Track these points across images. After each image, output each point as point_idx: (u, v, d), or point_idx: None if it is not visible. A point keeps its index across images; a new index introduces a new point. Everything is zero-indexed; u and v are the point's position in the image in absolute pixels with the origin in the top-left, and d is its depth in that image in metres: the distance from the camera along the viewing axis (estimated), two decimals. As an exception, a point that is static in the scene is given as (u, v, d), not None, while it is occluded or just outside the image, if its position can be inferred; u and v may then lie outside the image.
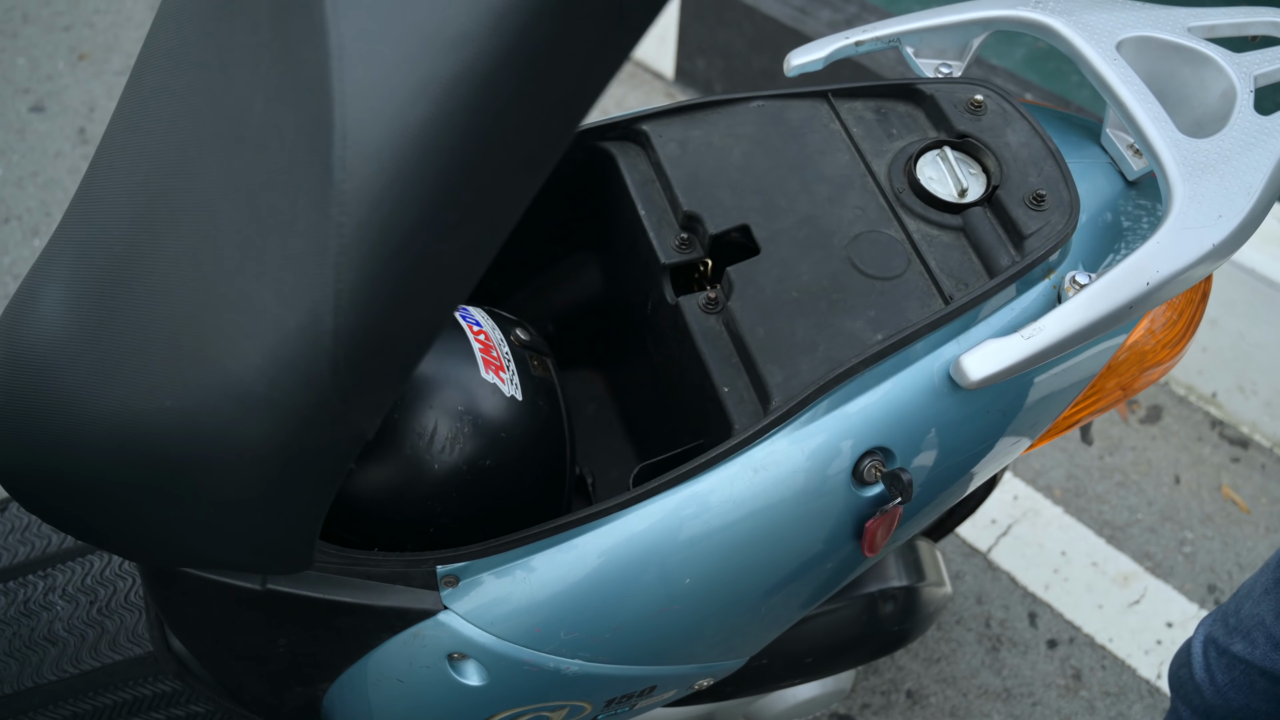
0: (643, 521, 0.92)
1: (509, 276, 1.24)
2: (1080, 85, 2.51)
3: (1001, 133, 1.07)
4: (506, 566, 0.92)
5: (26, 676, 1.17)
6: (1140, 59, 1.09)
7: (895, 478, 0.92)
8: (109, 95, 2.73)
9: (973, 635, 1.92)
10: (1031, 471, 2.13)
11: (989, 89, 1.11)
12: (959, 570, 2.00)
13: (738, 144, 1.09)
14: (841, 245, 1.02)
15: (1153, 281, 0.95)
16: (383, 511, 0.95)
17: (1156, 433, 2.20)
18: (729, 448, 0.92)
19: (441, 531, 0.97)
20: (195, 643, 1.04)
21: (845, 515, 0.98)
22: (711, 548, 0.94)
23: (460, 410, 0.96)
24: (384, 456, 0.94)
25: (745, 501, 0.93)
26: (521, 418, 0.99)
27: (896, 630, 1.36)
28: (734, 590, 0.98)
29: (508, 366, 1.00)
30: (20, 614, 1.20)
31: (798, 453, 0.93)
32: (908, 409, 0.96)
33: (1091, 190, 1.09)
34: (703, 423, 1.01)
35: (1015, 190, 1.02)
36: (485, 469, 0.96)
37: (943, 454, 1.01)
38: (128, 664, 1.17)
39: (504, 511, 0.99)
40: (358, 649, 0.96)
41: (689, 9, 2.66)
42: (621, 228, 1.12)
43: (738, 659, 1.12)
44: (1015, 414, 1.04)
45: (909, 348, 0.95)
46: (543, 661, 0.95)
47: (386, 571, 0.91)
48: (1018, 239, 0.99)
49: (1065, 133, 1.15)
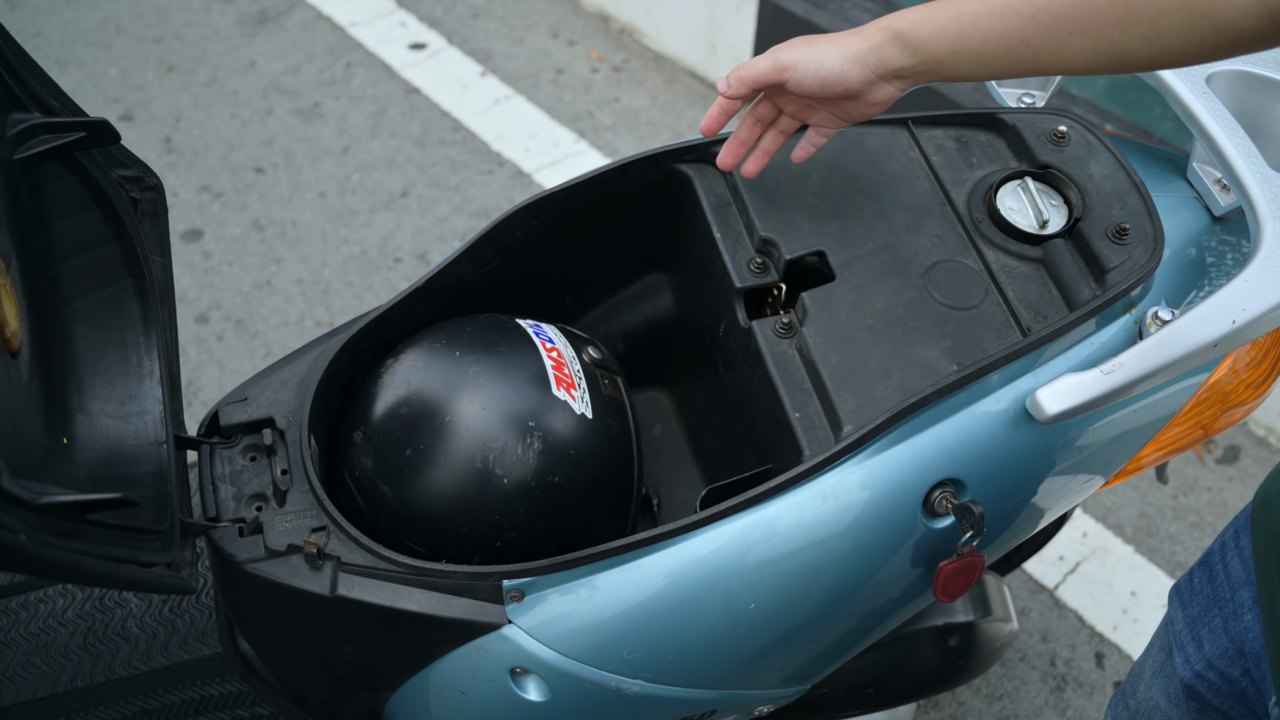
0: (709, 544, 0.92)
1: (582, 295, 1.24)
2: (1162, 117, 2.47)
3: (1085, 164, 1.06)
4: (572, 584, 0.92)
5: (99, 671, 1.19)
6: (1231, 93, 1.07)
7: (966, 510, 0.91)
8: (195, 105, 2.81)
9: (1037, 674, 1.89)
10: (1102, 508, 2.09)
11: (1073, 120, 1.09)
12: (1025, 606, 1.96)
13: (815, 169, 1.08)
14: (918, 274, 1.01)
15: (1238, 320, 0.93)
16: (451, 523, 0.96)
17: (1234, 474, 2.14)
18: (799, 474, 0.91)
19: (508, 546, 0.97)
20: (262, 645, 1.06)
21: (915, 547, 0.97)
22: (778, 574, 0.93)
23: (531, 426, 0.96)
24: (454, 469, 0.95)
25: (813, 529, 0.92)
26: (591, 436, 1.00)
27: (960, 665, 1.34)
28: (798, 617, 0.98)
29: (579, 384, 1.01)
30: (95, 609, 1.23)
31: (868, 482, 0.93)
32: (981, 441, 0.95)
33: (1176, 225, 1.07)
34: (772, 447, 1.00)
35: (1098, 223, 1.01)
36: (553, 485, 0.97)
37: (1015, 488, 1.00)
38: (196, 663, 1.19)
39: (570, 528, 1.00)
40: (422, 659, 0.97)
41: (764, 31, 2.66)
42: (696, 250, 1.13)
43: (799, 687, 1.11)
44: (1091, 451, 1.02)
45: (984, 379, 0.94)
46: (605, 680, 0.95)
47: (453, 584, 0.92)
48: (1099, 272, 0.98)
49: (1150, 166, 1.14)
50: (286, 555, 0.93)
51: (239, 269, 2.44)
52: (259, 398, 1.02)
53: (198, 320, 2.34)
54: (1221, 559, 0.88)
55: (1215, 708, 0.90)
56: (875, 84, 0.90)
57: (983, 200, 1.05)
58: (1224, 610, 0.87)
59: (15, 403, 0.81)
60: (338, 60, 2.94)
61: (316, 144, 2.72)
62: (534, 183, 2.63)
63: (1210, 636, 0.88)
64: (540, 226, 1.13)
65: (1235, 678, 0.87)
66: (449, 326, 1.06)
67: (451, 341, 1.02)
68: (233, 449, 1.01)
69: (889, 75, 0.89)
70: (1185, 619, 0.91)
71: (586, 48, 3.01)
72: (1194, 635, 0.90)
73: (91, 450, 0.91)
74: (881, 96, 0.91)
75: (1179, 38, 0.74)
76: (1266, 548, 0.81)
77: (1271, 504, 0.82)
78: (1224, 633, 0.87)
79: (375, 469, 0.98)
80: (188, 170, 2.66)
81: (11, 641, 1.21)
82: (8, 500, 0.67)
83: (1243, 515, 0.88)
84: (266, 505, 0.97)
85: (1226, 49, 0.74)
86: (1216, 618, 0.88)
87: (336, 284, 2.41)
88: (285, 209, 2.57)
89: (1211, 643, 0.88)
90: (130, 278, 0.96)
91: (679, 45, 2.90)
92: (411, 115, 2.79)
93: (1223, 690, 0.88)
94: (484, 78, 2.90)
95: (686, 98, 2.86)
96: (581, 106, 2.83)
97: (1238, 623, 0.86)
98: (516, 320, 1.07)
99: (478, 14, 3.11)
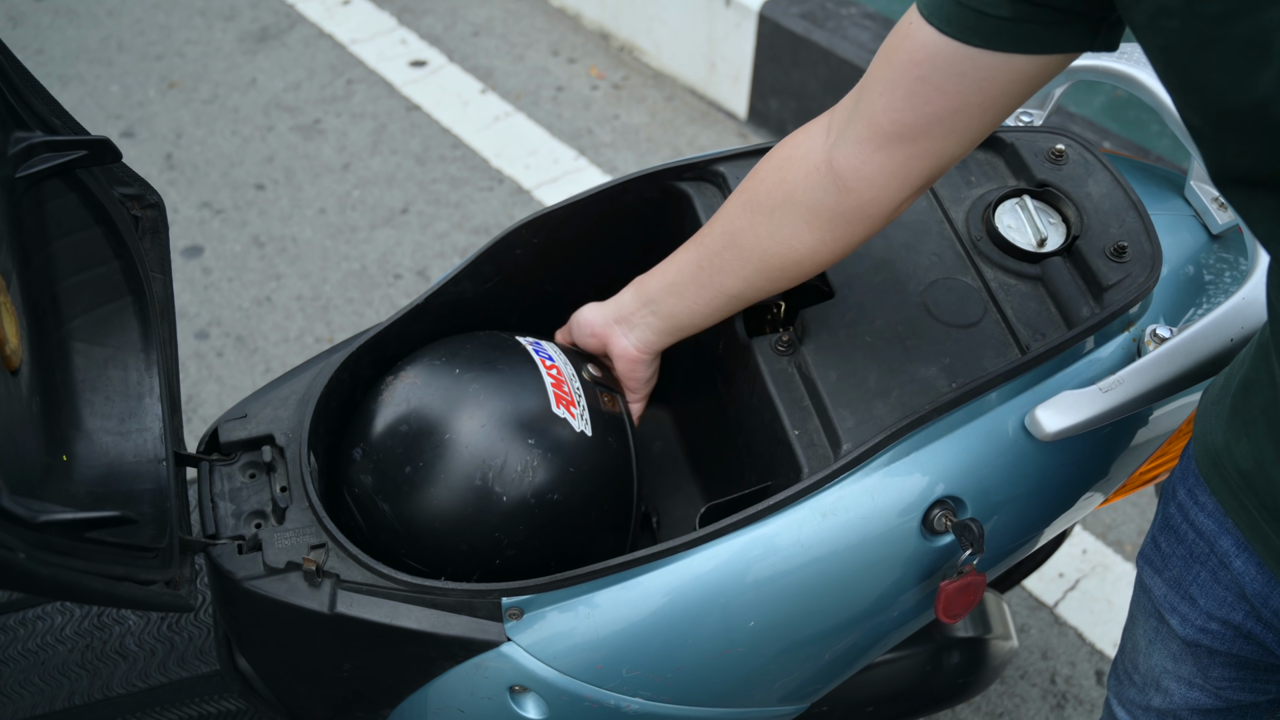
0: (708, 562, 0.92)
1: (581, 312, 1.25)
2: (1160, 135, 2.48)
3: (1083, 182, 1.06)
4: (571, 601, 0.92)
5: (96, 689, 1.19)
6: (1227, 112, 1.08)
7: (966, 528, 0.91)
8: (196, 122, 2.82)
9: (1037, 691, 1.88)
10: (1101, 525, 2.08)
11: (1070, 138, 1.10)
12: (1024, 623, 1.96)
13: (814, 187, 1.09)
14: (917, 291, 1.01)
15: (1236, 338, 0.94)
16: (450, 541, 0.96)
17: (1233, 491, 2.14)
18: (798, 491, 0.91)
19: (507, 563, 0.97)
20: (261, 663, 1.06)
21: (914, 564, 0.97)
22: (777, 591, 0.93)
23: (530, 443, 0.96)
24: (454, 486, 0.95)
25: (813, 546, 0.92)
26: (590, 453, 1.00)
27: (960, 683, 1.33)
28: (798, 635, 0.97)
29: (578, 402, 1.01)
30: (94, 627, 1.23)
31: (867, 499, 0.93)
32: (980, 459, 0.95)
33: (1174, 243, 1.07)
34: (771, 464, 1.00)
35: (1096, 241, 1.01)
36: (553, 503, 0.97)
37: (1014, 506, 1.00)
38: (194, 681, 1.19)
39: (570, 546, 1.00)
40: (420, 676, 0.97)
41: (764, 50, 2.68)
42: (695, 267, 1.13)
43: (798, 705, 1.11)
44: (1090, 468, 1.02)
45: (983, 397, 0.94)
46: (603, 698, 0.95)
47: (452, 601, 0.92)
48: (1098, 290, 0.98)
49: (1148, 184, 1.14)
50: (285, 573, 0.93)
51: (239, 285, 2.44)
52: (258, 415, 1.02)
53: (198, 336, 2.34)
54: (1185, 519, 0.91)
55: (1223, 652, 0.92)
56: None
57: (981, 218, 1.05)
58: (1207, 564, 0.89)
59: (15, 420, 0.81)
60: (338, 77, 2.95)
61: (317, 160, 2.73)
62: (534, 199, 2.64)
63: (1201, 591, 0.90)
64: (540, 244, 1.13)
65: (1239, 621, 0.89)
66: (449, 344, 1.06)
67: (451, 359, 1.03)
68: (232, 466, 1.01)
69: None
70: (1166, 582, 0.94)
71: (586, 65, 3.02)
72: (1183, 594, 0.92)
73: (91, 467, 0.91)
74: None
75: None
76: (1236, 500, 0.84)
77: (1222, 461, 0.85)
78: (1215, 584, 0.89)
79: (375, 486, 0.98)
80: (188, 186, 2.66)
81: (10, 659, 1.21)
82: (7, 518, 0.67)
83: (1189, 476, 0.90)
84: (266, 522, 0.97)
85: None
86: (1201, 573, 0.90)
87: (336, 300, 2.41)
88: (286, 225, 2.57)
89: (1205, 596, 0.90)
90: (130, 295, 0.96)
91: (679, 63, 2.91)
92: (412, 132, 2.80)
93: (1227, 636, 0.90)
94: (484, 95, 2.91)
95: (686, 115, 2.87)
96: (581, 124, 2.84)
97: (1227, 572, 0.88)
98: (516, 338, 1.07)
99: (478, 31, 3.12)
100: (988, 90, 0.78)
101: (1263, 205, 0.68)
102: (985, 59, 0.76)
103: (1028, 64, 0.77)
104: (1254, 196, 0.68)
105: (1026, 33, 0.75)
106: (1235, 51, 0.61)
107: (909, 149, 0.83)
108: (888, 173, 0.84)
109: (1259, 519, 0.82)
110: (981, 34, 0.75)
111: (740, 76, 2.77)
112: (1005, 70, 0.77)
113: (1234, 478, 0.83)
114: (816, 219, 0.89)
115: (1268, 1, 0.58)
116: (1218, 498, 0.86)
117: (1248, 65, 0.61)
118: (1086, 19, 0.75)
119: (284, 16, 3.14)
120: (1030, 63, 0.77)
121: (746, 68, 2.74)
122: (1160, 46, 0.66)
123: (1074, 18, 0.74)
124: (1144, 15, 0.65)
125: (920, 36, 0.78)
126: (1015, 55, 0.76)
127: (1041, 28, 0.75)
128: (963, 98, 0.79)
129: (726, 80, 2.81)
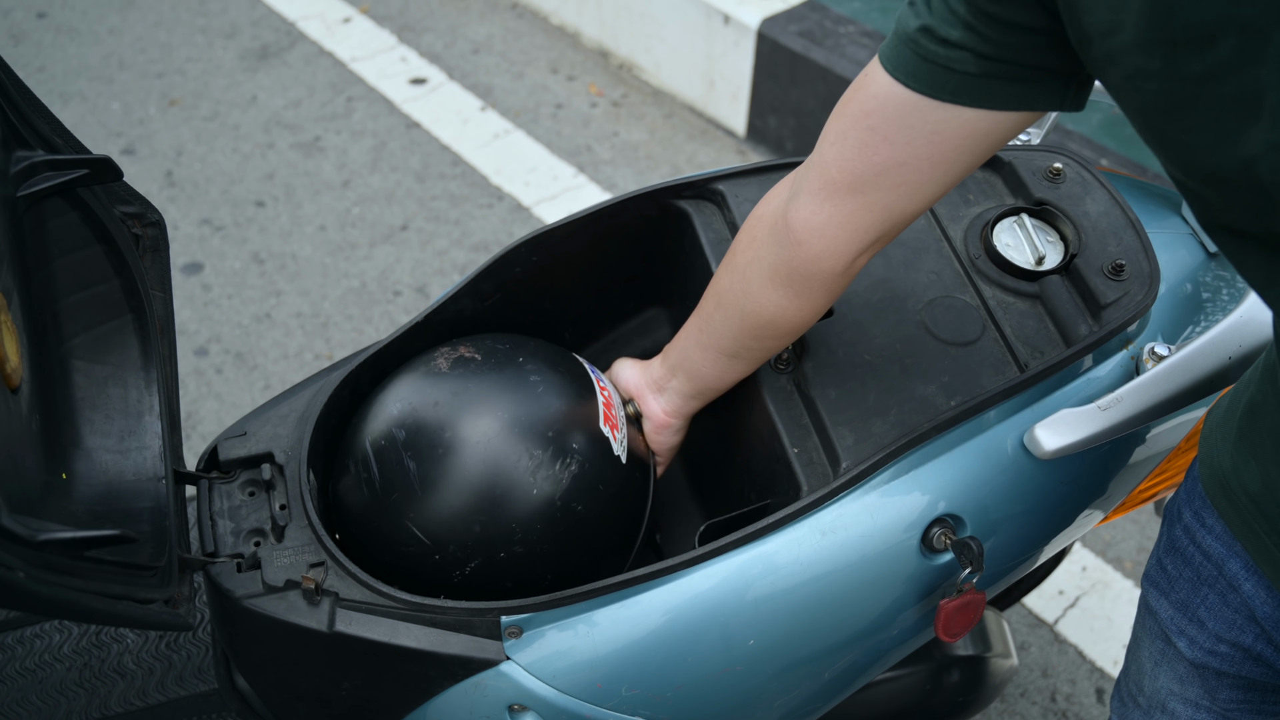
0: (708, 580, 0.92)
1: (581, 330, 1.25)
2: (1158, 152, 2.48)
3: (1080, 201, 1.06)
4: (570, 620, 0.92)
5: (94, 708, 1.19)
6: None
7: (965, 546, 0.91)
8: (196, 140, 2.82)
9: (1037, 709, 1.88)
10: (1101, 543, 2.08)
11: (1068, 157, 1.10)
12: (1024, 641, 1.95)
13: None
14: (916, 310, 1.01)
15: (1234, 356, 0.94)
16: (467, 515, 0.95)
17: (1232, 508, 2.14)
18: (797, 509, 0.91)
19: (509, 560, 0.96)
20: (259, 682, 1.06)
21: (914, 583, 0.96)
22: (776, 610, 0.93)
23: (574, 448, 0.97)
24: (491, 461, 0.94)
25: (812, 564, 0.92)
26: (620, 479, 1.00)
27: (960, 701, 1.33)
28: (797, 653, 0.97)
29: (621, 428, 1.02)
30: (92, 645, 1.22)
31: (867, 517, 0.93)
32: (979, 477, 0.95)
33: (1172, 261, 1.07)
34: (770, 483, 1.00)
35: (1094, 259, 1.01)
36: (575, 513, 0.97)
37: (1014, 524, 1.00)
38: (192, 700, 1.18)
39: (571, 564, 0.99)
40: (419, 695, 0.96)
41: (762, 68, 2.69)
42: (695, 285, 1.13)
43: (798, 724, 1.11)
44: (1089, 486, 1.02)
45: (982, 415, 0.95)
46: (602, 717, 0.95)
47: (451, 620, 0.91)
48: (1096, 308, 0.98)
49: (1145, 203, 1.14)
50: (284, 591, 0.93)
51: (239, 302, 2.45)
52: (258, 432, 1.02)
53: (197, 353, 2.34)
54: (1192, 541, 0.90)
55: (1231, 674, 0.91)
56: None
57: (979, 237, 1.06)
58: (1215, 587, 0.89)
59: (15, 438, 0.81)
60: (339, 95, 2.96)
61: (317, 178, 2.74)
62: (533, 216, 2.64)
63: (1210, 614, 0.90)
64: (540, 262, 1.13)
65: (1249, 644, 0.88)
66: (511, 336, 1.07)
67: (516, 348, 1.04)
68: (231, 484, 1.01)
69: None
70: (1173, 604, 0.93)
71: (586, 83, 3.03)
72: (1191, 617, 0.91)
73: (90, 486, 0.91)
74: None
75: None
76: (1245, 524, 0.84)
77: (1230, 484, 0.84)
78: (1225, 607, 0.89)
79: (406, 441, 0.96)
80: (189, 204, 2.67)
81: (8, 678, 1.21)
82: (6, 537, 0.67)
83: (1194, 499, 0.90)
84: (265, 540, 0.97)
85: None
86: (1210, 595, 0.90)
87: (336, 317, 2.42)
88: (285, 242, 2.58)
89: (1214, 619, 0.90)
90: (131, 313, 0.96)
91: (677, 80, 2.92)
92: (412, 149, 2.81)
93: (1236, 659, 0.90)
94: (484, 112, 2.92)
95: (685, 132, 2.88)
96: (581, 141, 2.85)
97: (1237, 595, 0.87)
98: (575, 354, 1.08)
99: (478, 49, 3.13)
100: (937, 144, 0.77)
101: (1255, 255, 0.67)
102: (935, 110, 0.76)
103: (981, 119, 0.76)
104: (1244, 246, 0.68)
105: (994, 89, 0.74)
106: (1220, 110, 0.60)
107: (856, 200, 0.82)
108: (835, 224, 0.84)
109: (1268, 542, 0.81)
110: (949, 89, 0.75)
111: (739, 94, 2.78)
112: (956, 124, 0.76)
113: (1242, 501, 0.83)
114: (776, 275, 0.89)
115: (1254, 60, 0.58)
116: (1225, 521, 0.85)
117: (1233, 124, 0.60)
118: (1058, 74, 0.74)
119: (284, 34, 3.16)
120: (985, 118, 0.76)
121: (745, 85, 2.75)
122: (1138, 108, 0.65)
123: (1043, 73, 0.74)
124: (1119, 77, 0.65)
125: (873, 87, 0.78)
126: (968, 109, 0.75)
127: (1009, 83, 0.74)
128: (911, 149, 0.78)
129: (725, 98, 2.82)
